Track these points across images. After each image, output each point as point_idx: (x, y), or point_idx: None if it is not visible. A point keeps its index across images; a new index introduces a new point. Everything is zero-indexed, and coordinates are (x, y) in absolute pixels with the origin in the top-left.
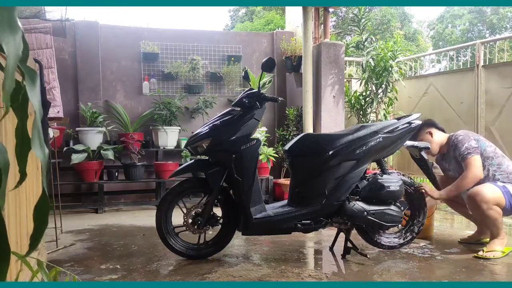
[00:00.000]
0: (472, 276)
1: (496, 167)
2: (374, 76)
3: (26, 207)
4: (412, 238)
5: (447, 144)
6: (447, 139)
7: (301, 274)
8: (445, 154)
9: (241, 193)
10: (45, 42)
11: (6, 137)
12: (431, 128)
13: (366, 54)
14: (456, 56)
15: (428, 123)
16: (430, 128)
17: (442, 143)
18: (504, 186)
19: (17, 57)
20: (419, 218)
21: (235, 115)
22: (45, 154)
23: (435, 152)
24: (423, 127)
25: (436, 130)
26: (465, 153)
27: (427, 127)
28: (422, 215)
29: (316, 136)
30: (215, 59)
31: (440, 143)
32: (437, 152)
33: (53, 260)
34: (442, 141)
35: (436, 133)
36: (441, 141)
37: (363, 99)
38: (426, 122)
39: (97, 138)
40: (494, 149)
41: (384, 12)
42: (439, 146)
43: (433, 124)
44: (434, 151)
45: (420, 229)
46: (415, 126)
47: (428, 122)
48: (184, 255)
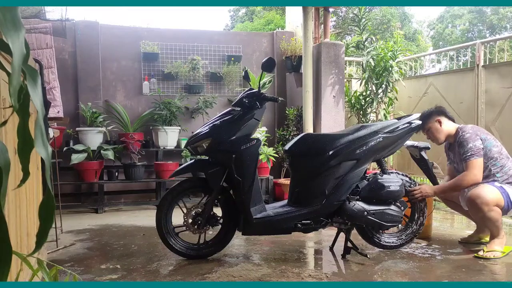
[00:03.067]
0: (472, 276)
1: (498, 168)
2: (374, 76)
3: (26, 207)
4: (412, 238)
5: (455, 136)
6: (455, 130)
7: (301, 274)
8: (452, 144)
9: (241, 193)
10: (45, 42)
11: (6, 137)
12: (441, 116)
13: (366, 54)
14: (456, 56)
15: (439, 110)
16: (440, 116)
17: (450, 133)
18: (501, 186)
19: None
20: (419, 218)
21: (235, 115)
22: (48, 153)
23: (441, 141)
24: (433, 114)
25: (445, 119)
26: (468, 154)
27: (437, 115)
28: (422, 215)
29: (316, 136)
30: (215, 59)
31: (448, 133)
32: (443, 141)
33: (53, 260)
34: (450, 131)
35: (445, 122)
36: (449, 131)
37: (363, 99)
38: (437, 110)
39: (97, 138)
40: (500, 149)
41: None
42: (446, 136)
43: (443, 112)
44: (440, 140)
45: (420, 229)
46: (415, 126)
47: (439, 110)
48: (184, 255)
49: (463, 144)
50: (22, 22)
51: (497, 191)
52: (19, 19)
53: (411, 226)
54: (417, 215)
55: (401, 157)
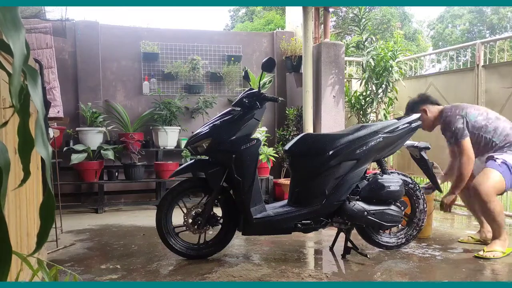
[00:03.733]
0: (472, 276)
1: (492, 133)
2: (374, 76)
3: (26, 207)
4: (412, 238)
5: (439, 120)
6: (439, 112)
7: (301, 274)
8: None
9: (241, 193)
10: (45, 42)
11: (6, 137)
12: (426, 104)
13: (366, 54)
14: (456, 56)
15: (422, 99)
16: (425, 104)
17: (435, 117)
18: (502, 162)
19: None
20: (419, 218)
21: (235, 115)
22: (49, 153)
23: (432, 129)
24: (418, 104)
25: (430, 106)
26: (454, 138)
27: (422, 104)
28: (422, 215)
29: (316, 136)
30: (215, 59)
31: (433, 118)
32: (433, 128)
33: (53, 260)
34: (435, 116)
35: (430, 108)
36: (434, 116)
37: (363, 99)
38: (420, 99)
39: (97, 138)
40: (486, 115)
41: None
42: (433, 122)
43: (427, 99)
44: (430, 128)
45: (420, 229)
46: (416, 126)
47: (422, 99)
48: (184, 255)
49: (446, 128)
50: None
51: (497, 174)
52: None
53: (411, 226)
54: (417, 215)
55: (401, 157)
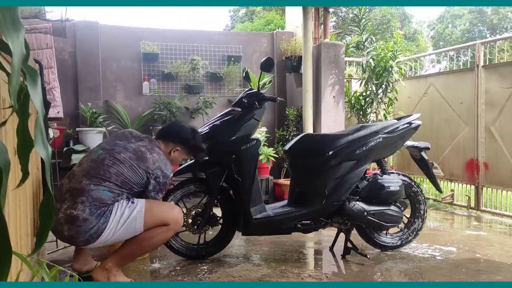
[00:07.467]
0: (472, 276)
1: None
2: (374, 76)
3: (26, 207)
4: (412, 238)
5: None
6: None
7: (301, 274)
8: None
9: (241, 193)
10: (45, 42)
11: (6, 137)
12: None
13: (366, 54)
14: (456, 56)
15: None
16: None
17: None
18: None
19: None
20: (419, 218)
21: (235, 115)
22: (48, 153)
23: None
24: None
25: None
26: None
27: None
28: (422, 215)
29: (316, 136)
30: (215, 59)
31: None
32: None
33: (53, 260)
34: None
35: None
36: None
37: (363, 99)
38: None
39: (97, 138)
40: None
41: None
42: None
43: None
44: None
45: (420, 229)
46: (415, 126)
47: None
48: (184, 255)
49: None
50: (22, 22)
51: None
52: (19, 19)
53: (411, 227)
54: (417, 215)
55: (401, 157)
